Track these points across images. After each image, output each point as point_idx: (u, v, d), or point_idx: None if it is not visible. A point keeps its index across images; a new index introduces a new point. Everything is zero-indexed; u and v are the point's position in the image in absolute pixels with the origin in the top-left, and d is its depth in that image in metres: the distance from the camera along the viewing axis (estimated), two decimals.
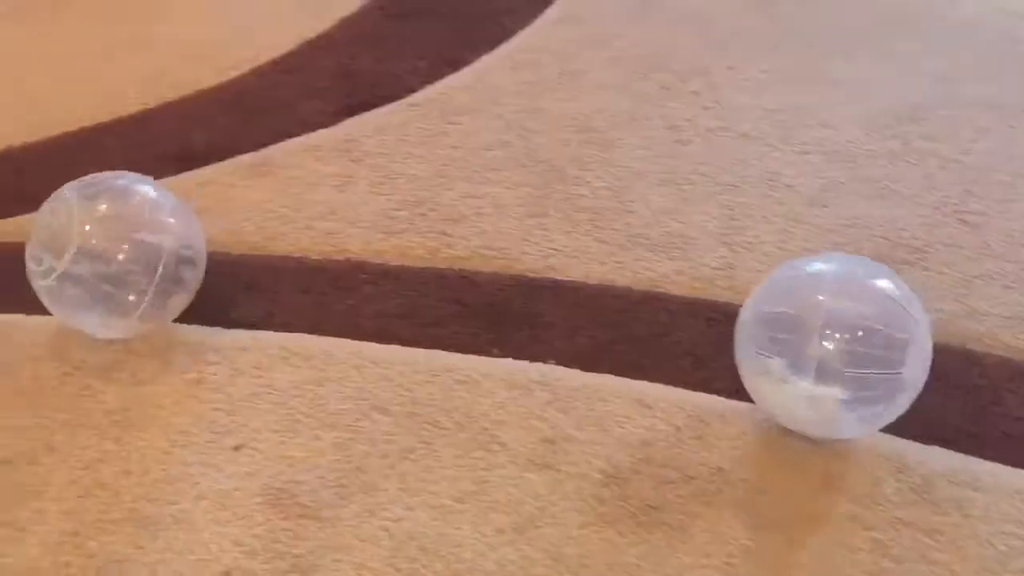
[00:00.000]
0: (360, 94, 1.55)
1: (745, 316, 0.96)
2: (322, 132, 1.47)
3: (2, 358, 1.08)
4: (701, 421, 1.01)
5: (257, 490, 0.95)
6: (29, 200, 1.29)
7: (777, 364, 0.91)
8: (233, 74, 1.61)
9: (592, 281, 1.19)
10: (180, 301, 1.09)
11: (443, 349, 1.11)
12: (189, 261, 1.08)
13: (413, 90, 1.56)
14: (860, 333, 0.89)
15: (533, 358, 1.09)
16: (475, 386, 1.05)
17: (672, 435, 0.99)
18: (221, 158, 1.42)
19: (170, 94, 1.56)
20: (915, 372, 0.91)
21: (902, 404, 0.92)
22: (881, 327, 0.90)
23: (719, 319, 1.13)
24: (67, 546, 0.90)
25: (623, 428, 1.00)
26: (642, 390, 1.04)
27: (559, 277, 1.20)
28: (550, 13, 1.77)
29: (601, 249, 1.23)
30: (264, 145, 1.44)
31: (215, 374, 1.07)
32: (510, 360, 1.09)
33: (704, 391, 1.05)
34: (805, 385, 0.89)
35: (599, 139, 1.43)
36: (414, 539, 0.90)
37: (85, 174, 1.34)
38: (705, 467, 0.96)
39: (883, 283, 0.93)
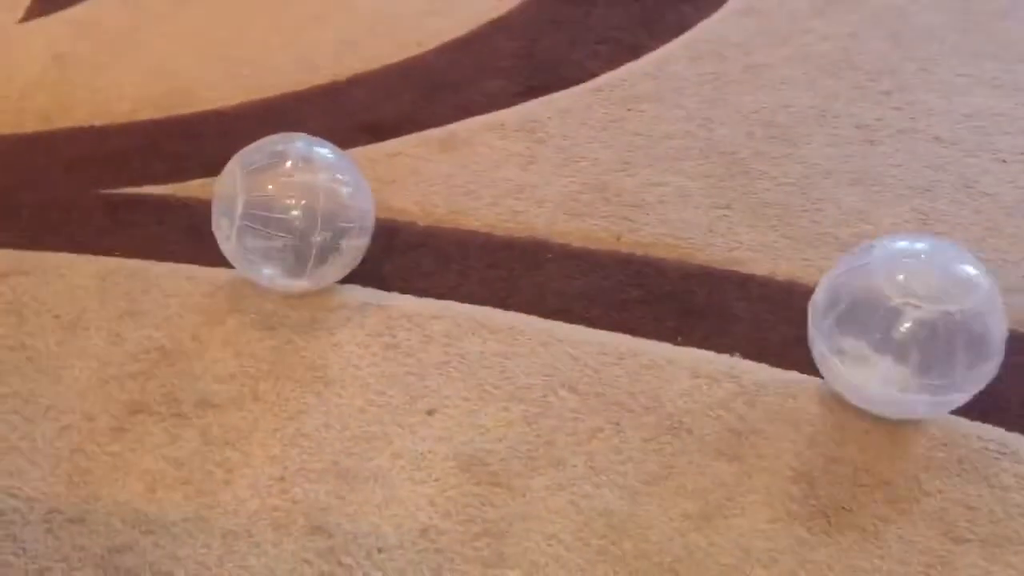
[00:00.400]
0: (542, 76, 1.57)
1: (820, 295, 0.97)
2: (505, 111, 1.49)
3: (211, 307, 1.15)
4: (895, 427, 0.99)
5: (450, 454, 0.98)
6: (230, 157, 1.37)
7: (856, 343, 0.92)
8: (418, 50, 1.66)
9: (780, 277, 1.18)
10: (349, 258, 1.12)
11: (627, 333, 1.12)
12: (350, 220, 1.10)
13: (594, 75, 1.57)
14: (942, 318, 0.89)
15: (718, 349, 1.09)
16: (660, 371, 1.06)
17: (863, 438, 0.98)
18: (408, 132, 1.46)
19: (358, 66, 1.61)
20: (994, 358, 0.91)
21: (977, 388, 0.93)
22: (963, 312, 0.89)
23: None
24: (274, 490, 0.94)
25: (813, 427, 1.00)
26: (830, 390, 1.03)
27: (745, 271, 1.19)
28: (732, 4, 1.75)
29: (787, 245, 1.22)
30: (449, 121, 1.48)
31: (408, 339, 1.10)
32: (695, 349, 1.09)
33: None
34: (886, 364, 0.90)
35: (784, 134, 1.41)
36: (603, 516, 0.92)
37: None
38: (899, 474, 0.95)
39: (970, 269, 0.93)
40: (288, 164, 1.10)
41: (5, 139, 1.45)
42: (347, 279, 1.18)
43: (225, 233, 1.09)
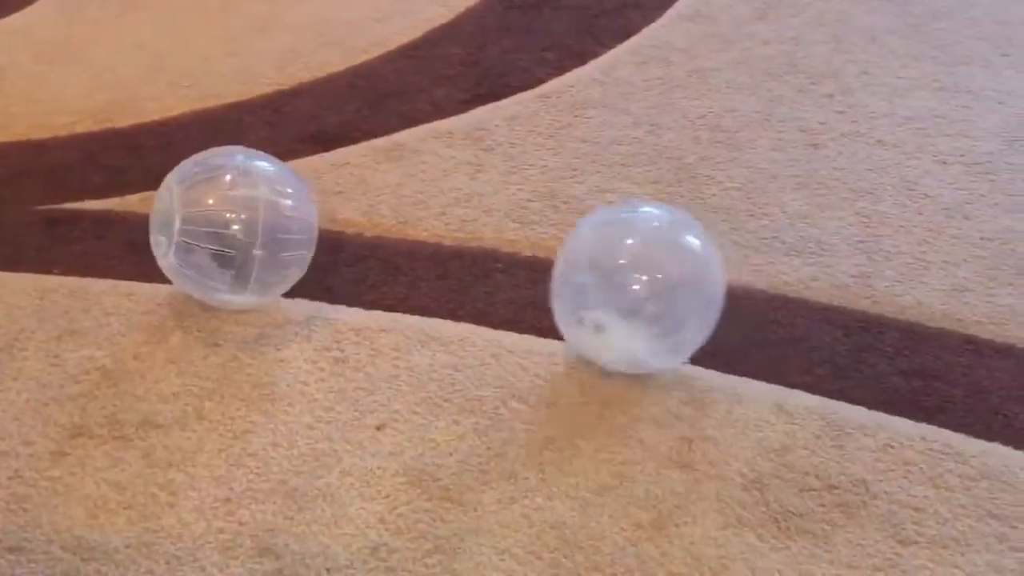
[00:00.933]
0: (489, 83, 1.57)
1: (559, 269, 1.04)
2: (453, 119, 1.48)
3: (153, 324, 1.12)
4: (841, 431, 1.00)
5: (400, 470, 0.97)
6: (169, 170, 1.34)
7: (590, 311, 1.00)
8: (363, 58, 1.64)
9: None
10: (292, 271, 1.11)
11: None
12: (290, 232, 1.09)
13: (542, 81, 1.57)
14: (659, 275, 1.00)
15: None
16: (611, 379, 1.06)
17: (812, 443, 0.99)
18: (355, 141, 1.44)
19: (303, 75, 1.59)
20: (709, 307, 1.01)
21: (701, 335, 1.02)
22: (676, 267, 1.01)
23: (857, 328, 1.12)
24: (220, 511, 0.93)
25: (761, 432, 1.00)
26: (780, 395, 1.04)
27: None
28: (677, 8, 1.76)
29: (735, 250, 1.23)
30: (396, 130, 1.46)
31: (357, 353, 1.09)
32: None
33: (843, 400, 1.04)
34: (612, 323, 0.99)
35: (730, 139, 1.42)
36: (555, 528, 0.92)
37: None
38: (847, 477, 0.95)
39: (685, 231, 1.04)
40: (227, 178, 1.08)
41: None
42: (293, 292, 1.16)
43: (163, 250, 1.07)
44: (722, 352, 1.09)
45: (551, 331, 1.12)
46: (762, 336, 1.12)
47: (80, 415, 1.02)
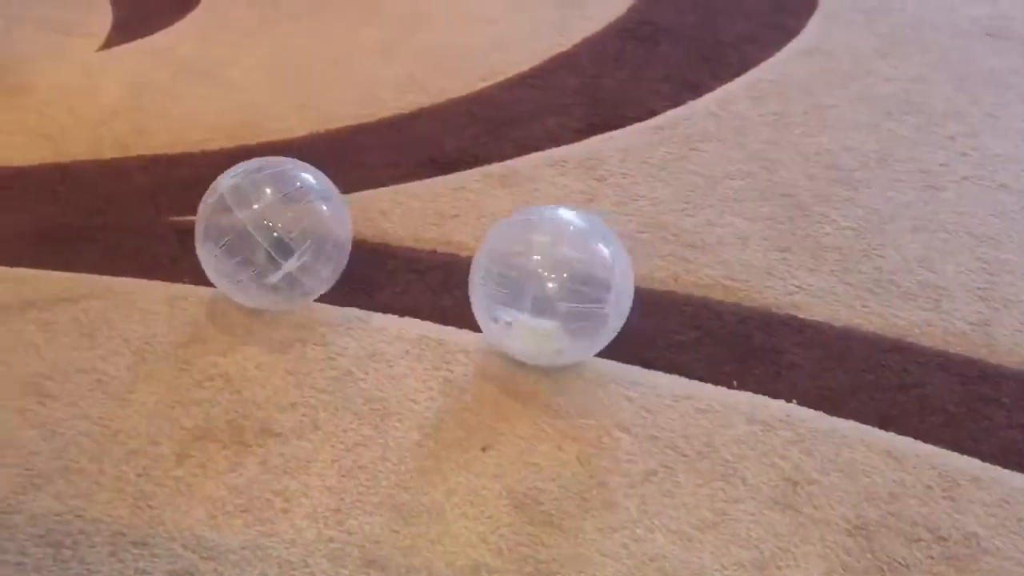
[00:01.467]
0: (604, 113, 1.59)
1: (475, 266, 1.10)
2: (566, 148, 1.51)
3: (274, 336, 1.17)
4: (954, 482, 0.98)
5: (503, 492, 0.99)
6: None
7: (503, 307, 1.06)
8: (481, 85, 1.68)
9: (838, 323, 1.17)
10: (321, 278, 1.17)
11: (682, 375, 1.12)
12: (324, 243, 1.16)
13: (655, 113, 1.58)
14: (566, 274, 1.05)
15: (774, 395, 1.09)
16: (716, 416, 1.06)
17: (922, 492, 0.97)
18: (470, 166, 1.48)
19: (423, 100, 1.64)
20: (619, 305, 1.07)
21: (610, 332, 1.08)
22: (587, 267, 1.06)
23: (974, 378, 1.09)
24: (331, 521, 0.96)
25: (870, 478, 0.99)
26: (890, 442, 1.02)
27: (803, 315, 1.19)
28: (795, 44, 1.76)
29: (847, 291, 1.21)
30: (511, 157, 1.50)
31: (465, 374, 1.12)
32: (750, 394, 1.09)
33: (956, 451, 1.02)
34: (525, 319, 1.05)
35: (846, 178, 1.41)
36: (654, 561, 0.92)
37: (348, 171, 1.45)
38: (958, 530, 0.93)
39: (593, 230, 1.09)
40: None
41: (84, 164, 1.50)
42: (406, 312, 1.20)
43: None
44: (830, 394, 1.08)
45: (657, 362, 1.13)
46: (872, 380, 1.10)
47: (204, 419, 1.07)
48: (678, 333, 1.18)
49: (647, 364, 1.13)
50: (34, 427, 1.06)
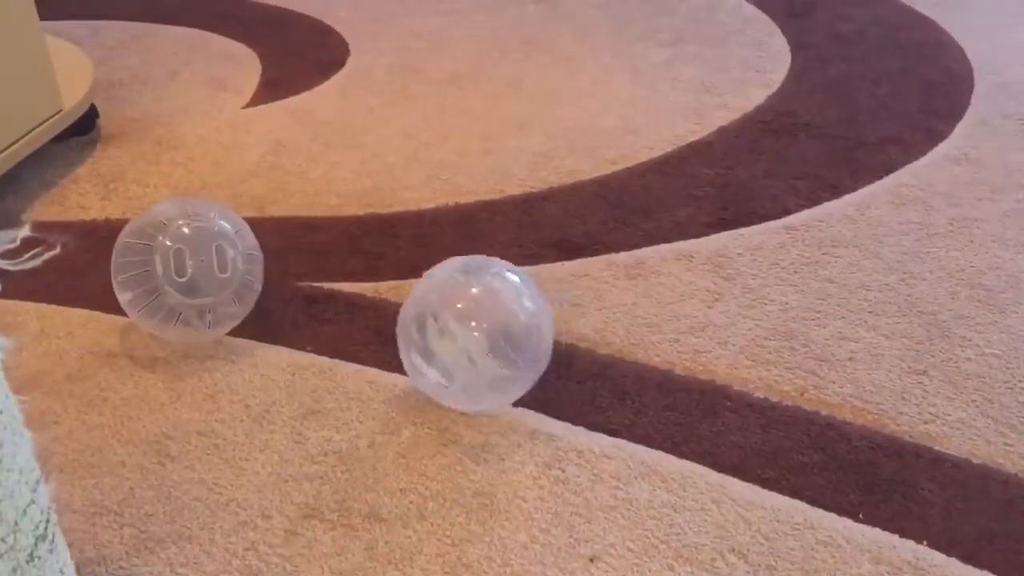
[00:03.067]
0: (735, 207, 1.56)
1: (404, 311, 1.15)
2: (695, 241, 1.48)
3: (389, 415, 1.17)
4: None
5: None
6: (428, 263, 1.41)
7: (415, 359, 1.13)
8: (612, 169, 1.68)
9: (976, 460, 1.10)
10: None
11: (804, 500, 1.07)
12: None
13: (789, 211, 1.54)
14: (485, 325, 1.10)
15: (903, 534, 1.03)
16: (838, 550, 1.01)
17: None
18: (596, 253, 1.47)
19: (553, 180, 1.64)
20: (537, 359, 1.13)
21: (526, 384, 1.14)
22: (506, 321, 1.11)
23: None
24: None
25: None
26: None
27: (938, 448, 1.12)
28: (943, 148, 1.69)
29: (988, 425, 1.14)
30: (638, 246, 1.48)
31: (577, 476, 1.09)
32: (878, 530, 1.03)
33: None
34: (434, 372, 1.11)
35: (992, 299, 1.34)
36: None
37: (476, 246, 1.46)
38: None
39: (505, 282, 1.14)
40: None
41: None
42: (520, 402, 1.18)
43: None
44: (964, 539, 1.02)
45: (776, 483, 1.09)
46: (1013, 528, 1.03)
47: (314, 497, 1.07)
48: (801, 454, 1.13)
49: (767, 484, 1.09)
50: (152, 487, 1.09)
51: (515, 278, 1.15)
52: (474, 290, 1.13)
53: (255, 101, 1.92)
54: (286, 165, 1.69)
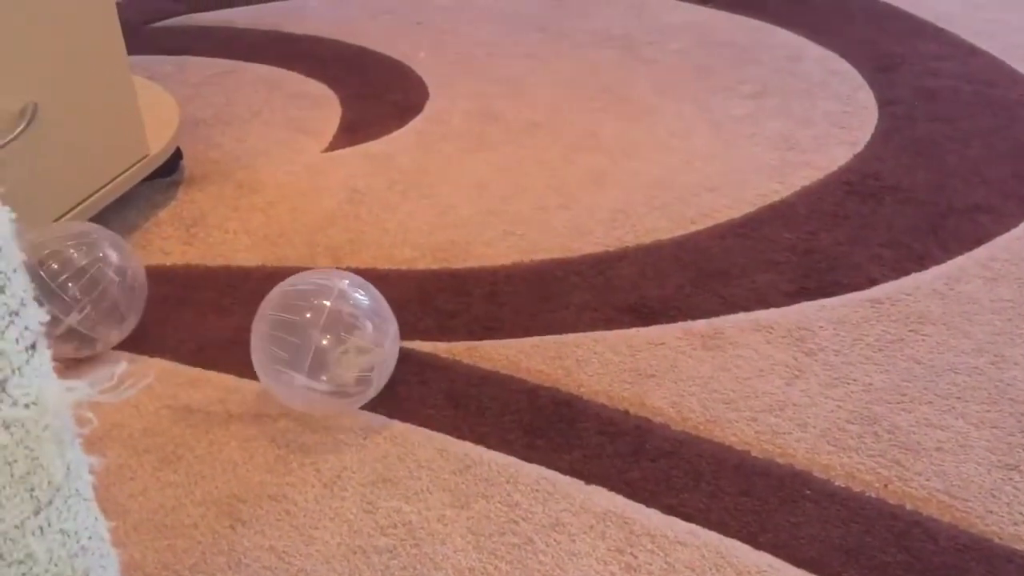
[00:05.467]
0: (817, 276, 1.52)
1: (260, 328, 1.21)
2: (775, 311, 1.45)
3: (460, 486, 1.16)
4: None
5: None
6: (507, 325, 1.40)
7: (285, 370, 1.18)
8: (691, 228, 1.65)
9: None
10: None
11: None
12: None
13: (875, 282, 1.50)
14: (343, 333, 1.19)
15: None
16: None
17: None
18: (672, 319, 1.44)
19: (630, 239, 1.62)
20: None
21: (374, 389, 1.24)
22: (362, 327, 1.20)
23: None
24: None
25: None
26: None
27: None
28: None
29: None
30: (716, 313, 1.45)
31: (650, 564, 1.07)
32: None
33: None
34: (302, 379, 1.18)
35: None
36: None
37: (550, 307, 1.44)
38: None
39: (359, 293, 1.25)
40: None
41: (298, 272, 1.56)
42: (593, 479, 1.16)
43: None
44: None
45: None
46: None
47: (383, 571, 1.06)
48: (884, 552, 1.08)
49: None
50: (223, 553, 1.09)
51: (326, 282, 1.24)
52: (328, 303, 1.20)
53: (334, 145, 1.94)
54: (363, 214, 1.70)
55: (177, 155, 1.79)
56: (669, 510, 1.14)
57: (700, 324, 1.43)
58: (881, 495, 1.15)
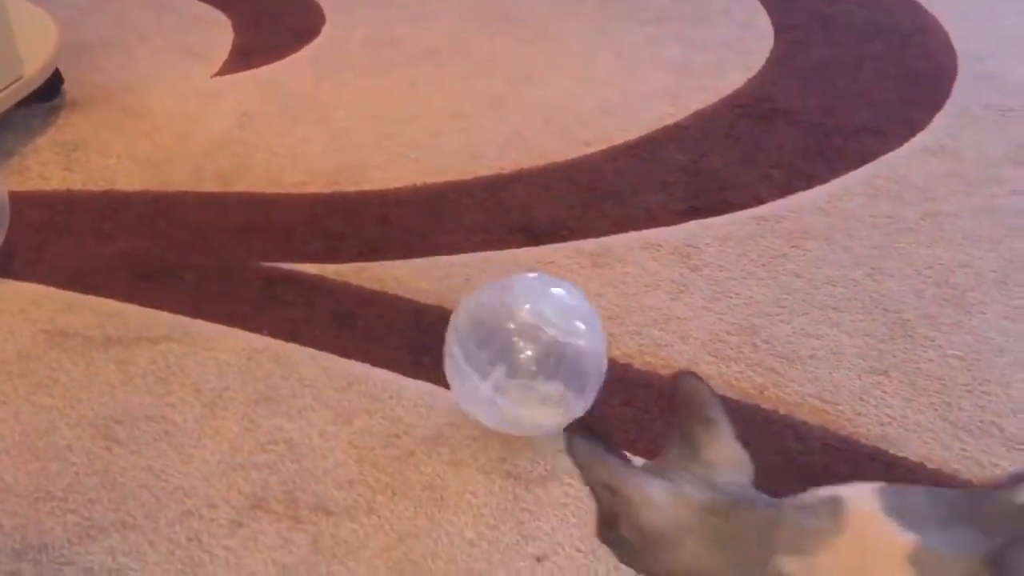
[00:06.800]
0: (707, 196, 1.54)
1: (452, 331, 1.09)
2: (664, 230, 1.46)
3: (342, 403, 1.16)
4: None
5: None
6: (396, 246, 1.39)
7: (488, 381, 1.05)
8: (585, 151, 1.65)
9: (931, 465, 1.10)
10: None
11: None
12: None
13: (761, 201, 1.52)
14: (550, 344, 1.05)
15: None
16: None
17: None
18: (563, 239, 1.45)
19: (524, 161, 1.62)
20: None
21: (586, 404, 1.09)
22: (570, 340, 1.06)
23: None
24: None
25: None
26: None
27: (894, 451, 1.11)
28: (921, 139, 1.67)
29: (945, 430, 1.14)
30: (605, 233, 1.46)
31: (530, 471, 1.08)
32: None
33: None
34: (505, 390, 1.05)
35: (958, 298, 1.32)
36: None
37: (440, 232, 1.44)
38: None
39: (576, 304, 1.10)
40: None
41: (184, 197, 1.52)
42: None
43: None
44: None
45: None
46: None
47: (262, 487, 1.06)
48: (757, 456, 1.11)
49: None
50: (98, 473, 1.07)
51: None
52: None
53: (225, 71, 1.88)
54: (253, 139, 1.66)
55: (57, 79, 1.72)
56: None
57: (589, 243, 1.44)
58: (756, 401, 1.18)
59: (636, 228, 1.47)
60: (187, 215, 1.48)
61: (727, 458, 0.74)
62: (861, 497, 0.69)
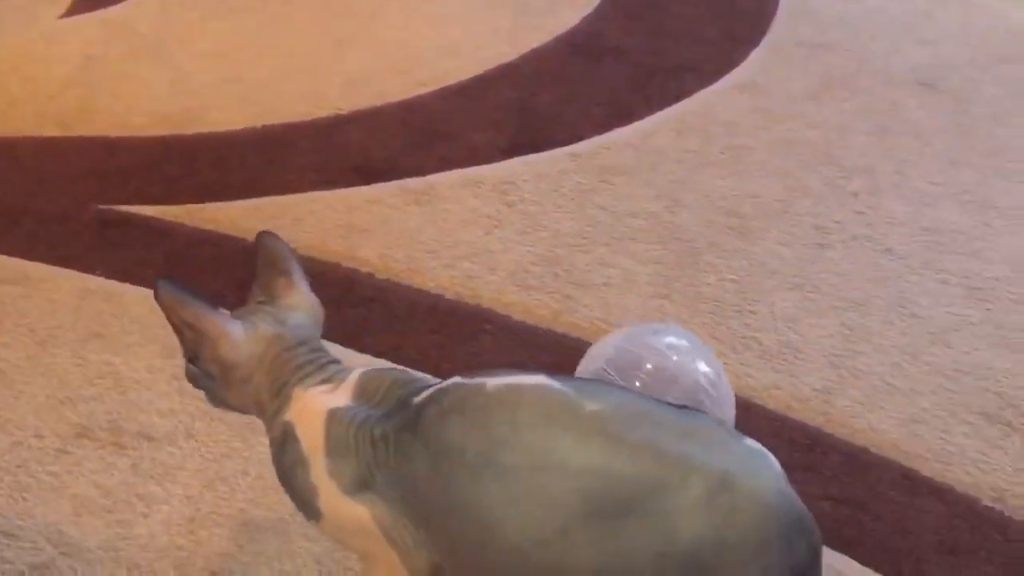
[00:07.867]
0: (530, 133, 1.64)
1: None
2: (486, 167, 1.57)
3: (169, 339, 1.25)
4: None
5: None
6: (232, 188, 1.47)
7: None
8: (421, 91, 1.74)
9: None
10: None
11: None
12: None
13: (581, 138, 1.64)
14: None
15: None
16: None
17: None
18: (392, 178, 1.54)
19: (362, 102, 1.70)
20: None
21: None
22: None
23: (803, 446, 1.16)
24: (183, 529, 1.05)
25: None
26: None
27: None
28: (734, 75, 1.80)
29: (713, 346, 1.28)
30: (432, 171, 1.56)
31: None
32: None
33: None
34: None
35: (743, 227, 1.46)
36: None
37: (276, 173, 1.51)
38: None
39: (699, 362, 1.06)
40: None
41: (25, 142, 1.58)
42: None
43: None
44: None
45: None
46: None
47: (88, 417, 1.16)
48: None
49: None
50: None
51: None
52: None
53: (73, 11, 1.91)
54: (96, 82, 1.71)
55: None
56: (364, 348, 1.27)
57: (415, 181, 1.54)
58: (551, 326, 1.31)
59: (461, 166, 1.57)
60: (26, 161, 1.54)
61: (300, 304, 0.88)
62: (362, 370, 0.86)
